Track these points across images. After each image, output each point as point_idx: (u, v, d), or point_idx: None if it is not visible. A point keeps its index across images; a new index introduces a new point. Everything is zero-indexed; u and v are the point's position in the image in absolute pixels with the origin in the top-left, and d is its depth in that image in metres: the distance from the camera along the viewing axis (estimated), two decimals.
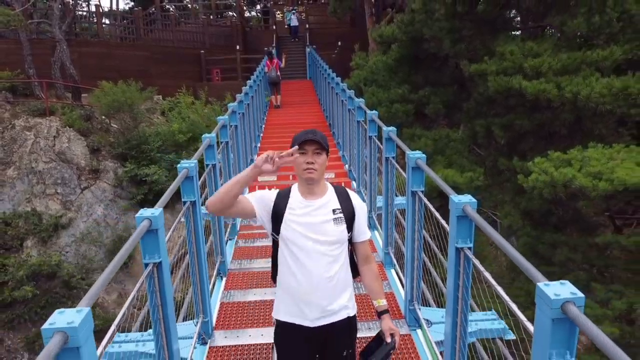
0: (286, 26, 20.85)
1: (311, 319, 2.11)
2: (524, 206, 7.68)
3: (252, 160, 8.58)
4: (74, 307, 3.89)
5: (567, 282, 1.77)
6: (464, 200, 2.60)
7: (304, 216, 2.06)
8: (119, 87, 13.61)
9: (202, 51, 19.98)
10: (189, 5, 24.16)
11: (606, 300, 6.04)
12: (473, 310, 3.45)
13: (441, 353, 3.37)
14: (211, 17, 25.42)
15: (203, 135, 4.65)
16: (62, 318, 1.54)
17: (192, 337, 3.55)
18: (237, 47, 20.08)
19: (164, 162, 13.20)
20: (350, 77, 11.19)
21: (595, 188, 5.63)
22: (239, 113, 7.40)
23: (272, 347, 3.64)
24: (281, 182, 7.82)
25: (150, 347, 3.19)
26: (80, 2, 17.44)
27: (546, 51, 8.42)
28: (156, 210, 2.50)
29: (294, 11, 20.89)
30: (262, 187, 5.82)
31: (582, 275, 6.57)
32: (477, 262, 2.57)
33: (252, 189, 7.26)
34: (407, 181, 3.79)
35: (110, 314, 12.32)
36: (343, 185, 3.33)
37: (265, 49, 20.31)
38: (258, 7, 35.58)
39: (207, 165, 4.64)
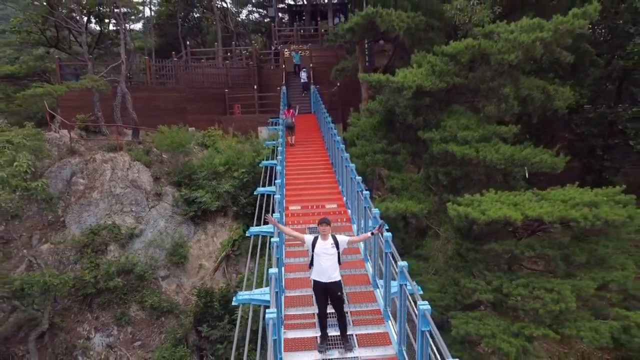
0: (301, 80, 25.13)
1: (324, 280, 6.91)
2: (455, 224, 12.46)
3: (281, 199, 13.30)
4: (147, 294, 10.47)
5: (405, 262, 6.61)
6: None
7: (322, 246, 6.88)
8: (174, 131, 18.33)
9: (226, 90, 24.73)
10: (213, 49, 28.88)
11: (490, 281, 10.77)
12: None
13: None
14: (229, 54, 30.22)
15: (276, 195, 9.39)
16: (273, 271, 6.39)
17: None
18: (255, 86, 24.85)
19: (208, 187, 17.96)
20: (347, 131, 16.06)
21: (480, 218, 10.37)
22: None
23: (312, 296, 8.65)
24: (305, 210, 12.59)
25: (267, 296, 8.00)
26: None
27: (473, 125, 13.24)
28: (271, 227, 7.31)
29: (304, 69, 25.48)
30: (294, 214, 10.91)
31: (481, 267, 11.31)
32: (392, 260, 7.38)
33: (287, 221, 11.94)
34: (372, 222, 8.61)
35: (172, 299, 17.05)
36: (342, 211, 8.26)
37: (278, 88, 25.28)
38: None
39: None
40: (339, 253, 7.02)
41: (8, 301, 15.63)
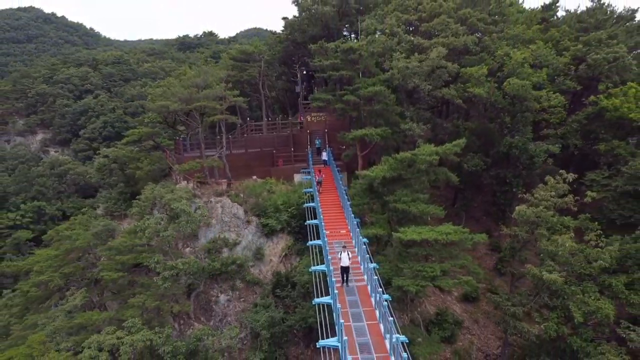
0: (322, 159, 41.00)
1: (344, 265, 23.74)
2: (399, 240, 28.90)
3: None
4: (245, 274, 30.50)
5: (371, 256, 23.40)
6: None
7: (344, 254, 23.68)
8: (257, 183, 34.83)
9: (274, 150, 41.28)
10: (261, 122, 45.51)
11: (409, 264, 27.06)
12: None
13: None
14: (269, 119, 46.76)
15: (323, 231, 26.05)
16: (329, 257, 23.30)
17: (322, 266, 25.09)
18: (292, 149, 41.41)
19: (274, 217, 34.47)
20: (350, 188, 32.58)
21: (403, 239, 26.65)
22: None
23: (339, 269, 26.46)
24: (331, 233, 29.09)
25: (324, 267, 24.74)
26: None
27: (408, 193, 29.68)
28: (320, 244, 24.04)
29: (326, 150, 41.80)
30: (326, 235, 28.15)
31: (407, 259, 27.52)
32: (362, 252, 24.10)
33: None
34: (361, 240, 25.40)
35: (257, 277, 33.48)
36: (348, 236, 25.18)
37: (306, 150, 41.68)
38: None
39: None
40: (349, 256, 23.55)
41: (177, 277, 32.16)
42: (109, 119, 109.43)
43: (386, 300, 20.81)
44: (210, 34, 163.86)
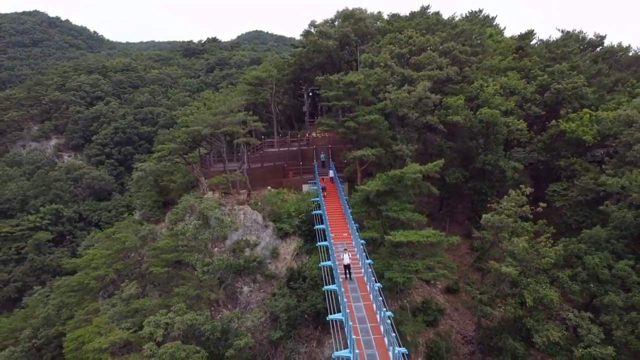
0: (329, 175, 48.90)
1: (345, 263, 31.43)
2: (390, 242, 36.50)
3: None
4: (264, 270, 39.77)
5: (367, 255, 31.14)
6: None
7: (347, 255, 31.38)
8: (272, 193, 42.44)
9: (285, 164, 48.91)
10: (273, 139, 53.16)
11: (398, 261, 34.58)
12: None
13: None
14: (280, 135, 54.40)
15: (330, 234, 33.74)
16: (335, 255, 31.05)
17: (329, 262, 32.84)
18: (301, 162, 49.04)
19: (287, 222, 42.09)
20: (351, 198, 40.12)
21: (393, 241, 34.24)
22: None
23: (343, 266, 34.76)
24: (335, 235, 36.73)
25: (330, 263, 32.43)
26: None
27: (398, 204, 37.34)
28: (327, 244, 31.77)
29: (331, 168, 49.38)
30: (332, 237, 36.22)
31: (397, 256, 35.00)
32: (360, 251, 31.84)
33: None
34: (360, 241, 33.15)
35: (274, 272, 41.08)
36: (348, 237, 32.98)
37: (313, 164, 49.31)
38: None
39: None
40: (349, 256, 31.17)
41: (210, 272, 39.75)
42: (120, 125, 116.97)
43: (378, 287, 28.46)
44: (214, 39, 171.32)
